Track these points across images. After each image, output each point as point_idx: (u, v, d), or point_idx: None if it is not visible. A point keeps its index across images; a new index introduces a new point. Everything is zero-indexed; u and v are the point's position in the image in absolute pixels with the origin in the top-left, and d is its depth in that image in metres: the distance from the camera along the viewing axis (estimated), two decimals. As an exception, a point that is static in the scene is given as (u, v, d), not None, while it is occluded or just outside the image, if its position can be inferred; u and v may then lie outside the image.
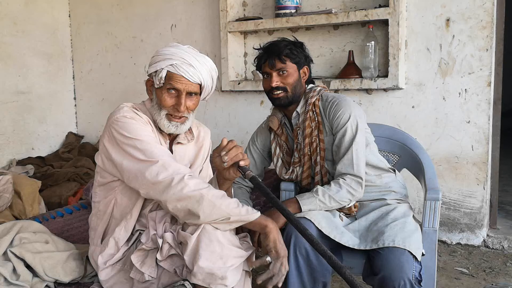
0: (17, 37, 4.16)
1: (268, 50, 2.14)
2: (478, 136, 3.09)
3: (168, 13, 4.12)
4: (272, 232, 1.59)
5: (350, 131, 2.07)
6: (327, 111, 2.14)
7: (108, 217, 1.82)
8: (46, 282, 1.79)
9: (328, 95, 2.19)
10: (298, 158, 2.19)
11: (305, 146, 2.15)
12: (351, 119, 2.08)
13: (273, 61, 2.11)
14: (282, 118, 2.27)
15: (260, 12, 3.74)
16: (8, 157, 4.14)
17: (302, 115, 2.18)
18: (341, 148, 2.08)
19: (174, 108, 1.76)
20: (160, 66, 1.74)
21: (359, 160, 2.06)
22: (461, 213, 3.18)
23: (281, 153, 2.27)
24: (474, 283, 2.72)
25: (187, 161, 1.93)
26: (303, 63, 2.17)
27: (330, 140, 2.14)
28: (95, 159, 1.84)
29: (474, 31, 3.03)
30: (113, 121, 1.74)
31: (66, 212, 2.66)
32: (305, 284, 1.94)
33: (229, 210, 1.56)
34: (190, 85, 1.75)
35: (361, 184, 2.05)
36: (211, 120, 3.91)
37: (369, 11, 3.15)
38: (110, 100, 4.52)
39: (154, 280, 1.69)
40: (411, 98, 3.23)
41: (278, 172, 2.28)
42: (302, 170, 2.19)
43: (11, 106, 4.15)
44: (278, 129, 2.25)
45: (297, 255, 1.92)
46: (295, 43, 2.18)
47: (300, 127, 2.18)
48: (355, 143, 2.06)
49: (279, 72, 2.12)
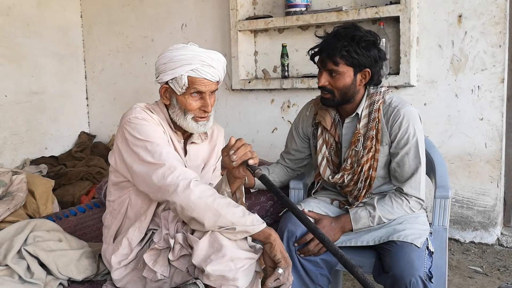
0: (30, 38, 4.21)
1: (325, 45, 1.92)
2: (491, 133, 3.06)
3: (179, 13, 4.13)
4: (276, 242, 1.57)
5: (414, 149, 1.93)
6: (390, 118, 1.96)
7: (122, 217, 1.83)
8: (60, 280, 1.80)
9: (391, 98, 2.00)
10: (351, 165, 2.01)
11: (364, 155, 1.98)
12: (416, 135, 1.93)
13: (325, 60, 1.91)
14: (335, 115, 2.07)
15: (270, 11, 3.73)
16: (22, 157, 4.19)
17: (364, 119, 1.99)
18: (406, 166, 1.95)
19: (200, 110, 1.77)
20: (179, 73, 1.72)
21: (423, 182, 1.97)
22: (474, 211, 3.15)
23: (327, 152, 2.10)
24: (488, 282, 2.69)
25: (201, 161, 1.93)
26: (364, 65, 1.90)
27: (384, 150, 1.99)
28: (108, 159, 1.85)
29: (487, 27, 3.00)
30: (125, 122, 1.75)
31: (79, 210, 2.67)
32: (304, 279, 1.94)
33: (234, 219, 1.54)
34: (212, 84, 1.76)
35: (422, 205, 1.99)
36: (222, 119, 3.92)
37: (380, 8, 3.13)
38: (122, 100, 4.54)
39: (166, 279, 1.70)
40: (423, 95, 3.21)
41: (322, 172, 2.10)
42: (351, 178, 2.02)
43: (25, 106, 4.19)
44: (331, 128, 2.07)
45: (291, 251, 1.92)
46: (360, 42, 1.87)
47: (361, 133, 1.98)
48: (422, 164, 1.95)
49: (329, 73, 1.92)
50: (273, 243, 1.57)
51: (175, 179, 1.59)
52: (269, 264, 1.58)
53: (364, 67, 1.91)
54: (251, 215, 1.58)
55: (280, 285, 1.56)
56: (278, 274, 1.54)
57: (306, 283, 1.95)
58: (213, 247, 1.54)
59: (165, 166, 1.62)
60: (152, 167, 1.64)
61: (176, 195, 1.57)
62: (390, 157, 2.00)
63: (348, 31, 1.89)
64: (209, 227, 1.55)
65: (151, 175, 1.63)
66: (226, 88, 3.91)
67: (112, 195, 1.87)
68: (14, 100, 4.10)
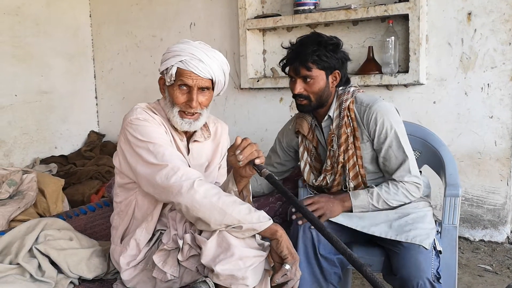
0: (39, 37, 4.24)
1: (294, 54, 2.01)
2: (501, 132, 3.04)
3: (187, 12, 4.14)
4: (283, 238, 1.57)
5: (395, 141, 1.99)
6: (364, 116, 2.02)
7: (129, 218, 1.83)
8: (71, 279, 1.81)
9: (362, 97, 2.07)
10: (331, 166, 2.08)
11: (340, 154, 2.04)
12: (393, 128, 1.99)
13: (298, 68, 1.99)
14: (312, 121, 2.15)
15: (279, 9, 3.73)
16: (32, 156, 4.22)
17: (336, 119, 2.07)
18: (392, 159, 2.00)
19: (186, 104, 1.75)
20: (170, 64, 1.74)
21: (414, 167, 2.00)
22: (484, 209, 3.14)
23: (309, 158, 2.17)
24: (498, 280, 2.68)
25: (205, 159, 1.92)
26: (334, 67, 2.01)
27: (366, 147, 2.05)
28: (113, 160, 1.85)
29: (497, 25, 2.98)
30: (127, 124, 1.75)
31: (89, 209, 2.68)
32: (317, 276, 1.94)
33: (240, 217, 1.54)
34: (201, 80, 1.73)
35: (420, 188, 2.00)
36: (230, 118, 3.92)
37: (389, 6, 3.11)
38: (131, 99, 4.56)
39: (176, 279, 1.70)
40: (432, 93, 3.19)
41: (306, 177, 2.18)
42: (334, 178, 2.08)
43: (34, 106, 4.22)
44: (309, 134, 2.15)
45: (307, 249, 1.92)
46: (327, 45, 1.99)
47: (335, 134, 2.06)
48: (406, 151, 1.99)
49: (303, 79, 2.00)
50: (279, 239, 1.56)
51: (179, 179, 1.59)
52: (276, 260, 1.58)
53: (334, 69, 2.02)
54: (257, 212, 1.58)
55: (288, 281, 1.56)
56: (285, 270, 1.54)
57: (319, 280, 1.95)
58: (221, 246, 1.54)
59: (168, 167, 1.62)
60: (155, 168, 1.64)
61: (181, 196, 1.57)
62: (375, 153, 2.05)
63: (312, 38, 2.02)
64: (215, 226, 1.55)
65: (154, 176, 1.63)
66: (235, 87, 3.91)
67: (119, 197, 1.87)
68: (24, 99, 4.13)
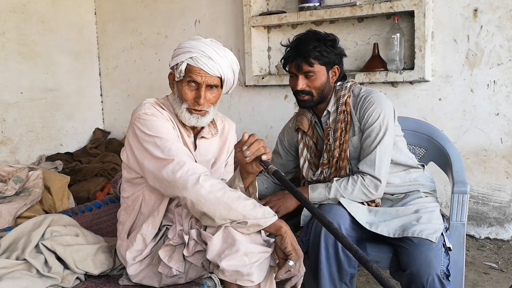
0: (44, 35, 4.25)
1: (295, 51, 2.03)
2: (508, 129, 3.02)
3: (192, 9, 4.14)
4: (287, 234, 1.57)
5: (378, 131, 2.01)
6: (358, 107, 2.06)
7: (136, 213, 1.84)
8: (77, 274, 1.82)
9: (359, 90, 2.12)
10: (327, 160, 2.12)
11: (335, 148, 2.08)
12: (380, 118, 2.01)
13: (300, 64, 2.01)
14: (312, 117, 2.19)
15: (284, 6, 3.72)
16: (37, 153, 4.23)
17: (333, 114, 2.11)
18: (367, 147, 2.03)
19: (194, 101, 1.76)
20: (180, 60, 1.75)
21: (382, 162, 2.00)
22: (489, 207, 3.13)
23: (308, 155, 2.20)
24: (504, 278, 2.67)
25: (211, 156, 1.93)
26: (333, 63, 2.06)
27: (354, 140, 2.08)
28: (120, 155, 1.86)
29: (503, 21, 2.97)
30: (135, 118, 1.76)
31: (94, 206, 2.70)
32: (333, 275, 1.93)
33: (245, 212, 1.54)
34: (210, 77, 1.74)
35: (378, 187, 2.00)
36: (235, 115, 3.92)
37: (394, 3, 3.10)
38: (136, 96, 4.57)
39: (182, 274, 1.71)
40: (438, 90, 3.18)
41: (305, 173, 2.20)
42: (330, 172, 2.12)
43: (40, 103, 4.24)
44: (309, 130, 2.18)
45: (328, 246, 1.92)
46: (326, 41, 2.04)
47: (331, 128, 2.10)
48: (381, 144, 2.00)
49: (305, 75, 2.03)
50: (283, 235, 1.57)
51: (185, 174, 1.60)
52: (280, 256, 1.58)
53: (334, 64, 2.06)
54: (262, 208, 1.58)
55: (291, 277, 1.56)
56: (289, 266, 1.54)
57: (333, 278, 1.94)
58: (227, 242, 1.54)
59: (175, 161, 1.63)
60: (161, 162, 1.65)
61: (186, 191, 1.57)
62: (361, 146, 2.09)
63: (311, 35, 2.05)
64: (220, 221, 1.55)
65: (161, 171, 1.64)
66: (240, 84, 3.91)
67: (126, 192, 1.88)
68: (30, 97, 4.14)
